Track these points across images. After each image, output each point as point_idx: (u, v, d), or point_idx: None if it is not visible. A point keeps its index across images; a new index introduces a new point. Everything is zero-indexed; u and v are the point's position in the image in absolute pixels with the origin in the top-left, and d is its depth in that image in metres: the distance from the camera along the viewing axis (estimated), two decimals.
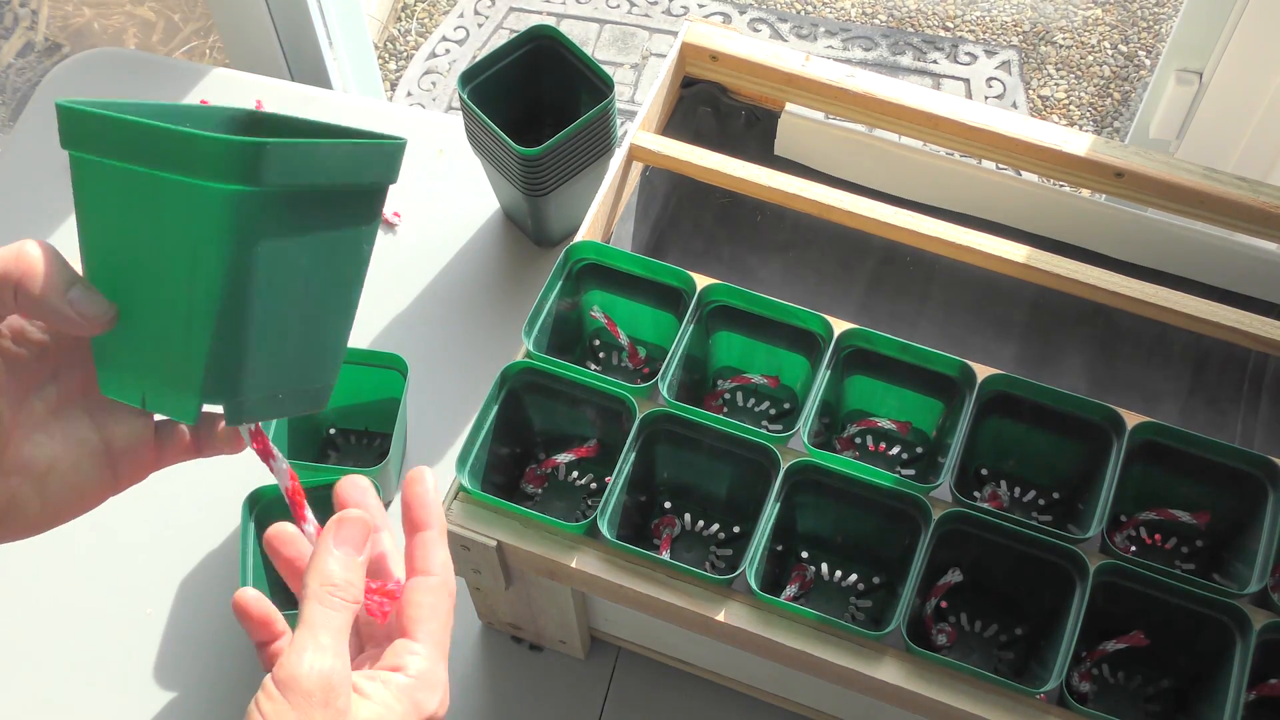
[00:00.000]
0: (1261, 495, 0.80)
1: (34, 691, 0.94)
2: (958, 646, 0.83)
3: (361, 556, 0.54)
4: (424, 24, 2.48)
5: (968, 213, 1.01)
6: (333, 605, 0.51)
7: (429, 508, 0.56)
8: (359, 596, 0.53)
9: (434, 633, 0.54)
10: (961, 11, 2.46)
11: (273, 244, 0.50)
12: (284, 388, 0.54)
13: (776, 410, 0.91)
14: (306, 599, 0.51)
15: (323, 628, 0.50)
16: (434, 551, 0.56)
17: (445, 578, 0.56)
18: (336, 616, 0.51)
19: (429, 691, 0.53)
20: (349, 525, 0.54)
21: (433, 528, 0.57)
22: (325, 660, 0.49)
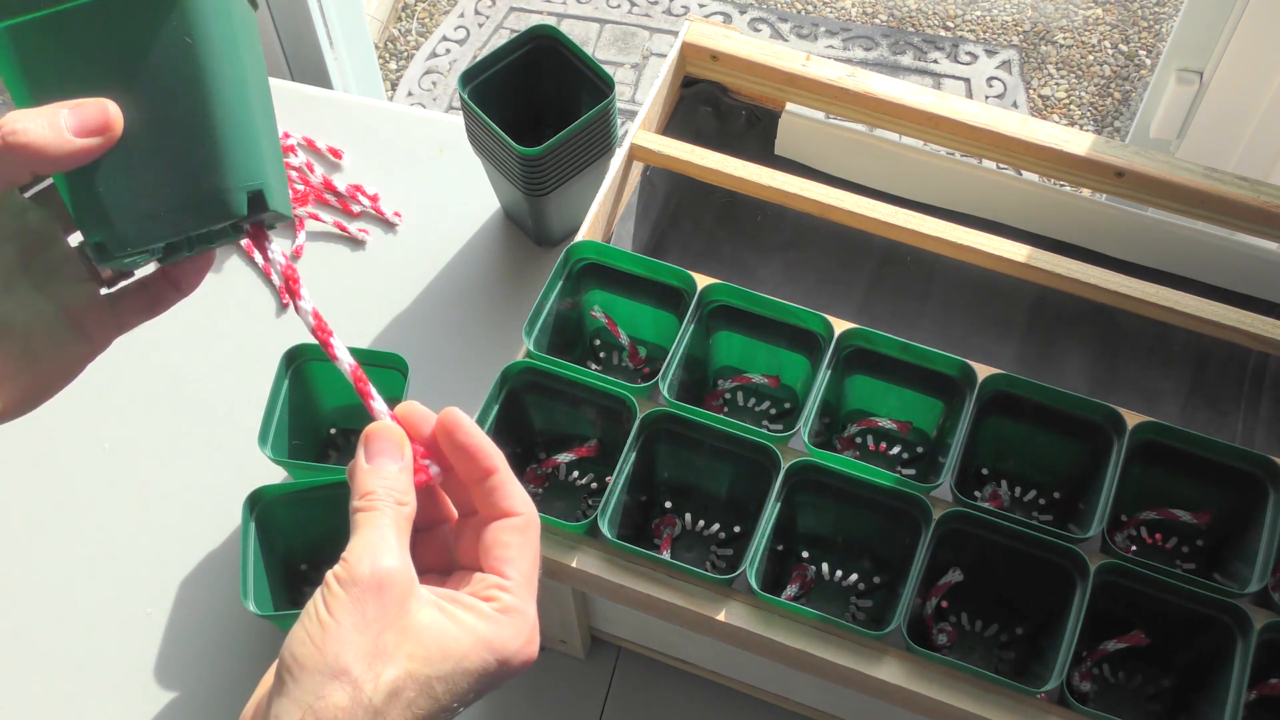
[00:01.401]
0: (1262, 495, 0.80)
1: (34, 691, 0.94)
2: (958, 646, 0.83)
3: (399, 464, 0.54)
4: (424, 24, 2.48)
5: (968, 212, 1.01)
6: (374, 508, 0.52)
7: (485, 450, 0.54)
8: (401, 498, 0.53)
9: (525, 573, 0.53)
10: (962, 11, 2.45)
11: (58, 64, 0.52)
12: (164, 205, 0.54)
13: (777, 410, 0.91)
14: (352, 515, 0.52)
15: (369, 530, 0.51)
16: (510, 490, 0.54)
17: (529, 515, 0.55)
18: (381, 516, 0.51)
19: (514, 629, 0.52)
20: (375, 439, 0.54)
21: (500, 470, 0.54)
22: (381, 558, 0.50)
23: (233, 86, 0.55)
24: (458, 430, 0.55)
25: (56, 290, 0.56)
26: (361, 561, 0.50)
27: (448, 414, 0.55)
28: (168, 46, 0.53)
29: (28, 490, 1.02)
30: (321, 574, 0.98)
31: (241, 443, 1.01)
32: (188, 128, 0.54)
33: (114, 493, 1.02)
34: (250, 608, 0.87)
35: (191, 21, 0.53)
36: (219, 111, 0.54)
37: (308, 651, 0.49)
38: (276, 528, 0.91)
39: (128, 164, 0.53)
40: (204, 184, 0.54)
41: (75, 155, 0.51)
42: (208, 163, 0.54)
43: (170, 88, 0.53)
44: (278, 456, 0.93)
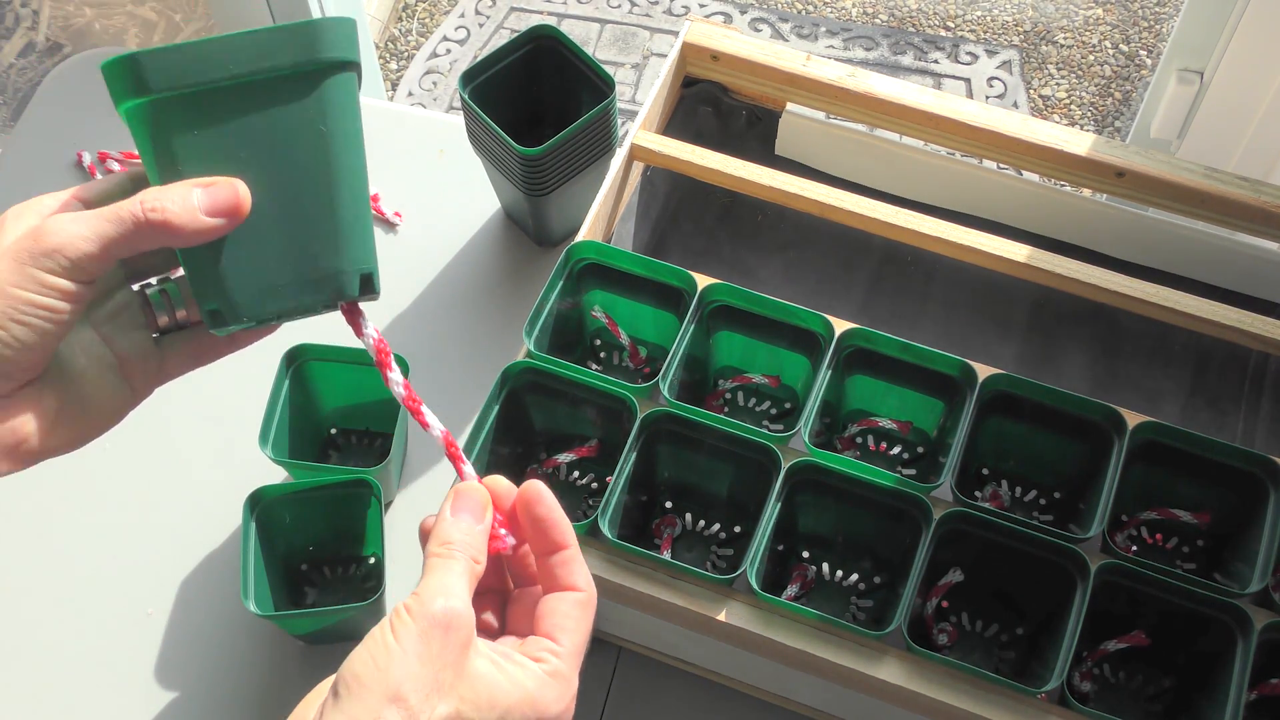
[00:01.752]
0: (1262, 495, 0.80)
1: (35, 691, 0.94)
2: (959, 646, 0.83)
3: (480, 525, 0.56)
4: (425, 24, 2.48)
5: (969, 212, 1.01)
6: (451, 556, 0.54)
7: (561, 526, 0.57)
8: (476, 555, 0.55)
9: (576, 644, 0.56)
10: (962, 11, 2.45)
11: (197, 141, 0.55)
12: (281, 280, 0.57)
13: (777, 410, 0.91)
14: (427, 558, 0.55)
15: (443, 574, 0.54)
16: (577, 569, 0.57)
17: (590, 594, 0.57)
18: (456, 564, 0.54)
19: (557, 693, 0.54)
20: (463, 496, 0.57)
21: (571, 546, 0.57)
22: (453, 600, 0.53)
23: (354, 175, 0.58)
24: (539, 504, 0.57)
25: (113, 335, 0.60)
26: (435, 599, 0.52)
27: (530, 487, 0.58)
28: (303, 133, 0.56)
29: (28, 490, 1.02)
30: (322, 574, 0.99)
31: (242, 443, 1.01)
32: (312, 211, 0.57)
33: (114, 493, 1.02)
34: (250, 608, 0.87)
35: (328, 112, 0.57)
36: (341, 198, 0.57)
37: (369, 671, 0.51)
38: (277, 528, 0.91)
39: (252, 240, 0.56)
40: (322, 265, 0.57)
41: (204, 233, 0.55)
42: (327, 245, 0.57)
43: (300, 172, 0.56)
44: (278, 456, 0.93)
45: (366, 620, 0.92)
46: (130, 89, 0.55)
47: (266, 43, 0.55)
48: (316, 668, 0.94)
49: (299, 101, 0.56)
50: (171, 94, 0.55)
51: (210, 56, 0.55)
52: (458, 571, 0.54)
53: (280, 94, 0.56)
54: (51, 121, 1.22)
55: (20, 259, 0.55)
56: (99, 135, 1.20)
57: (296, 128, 0.56)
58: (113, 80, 0.56)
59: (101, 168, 1.17)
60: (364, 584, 0.96)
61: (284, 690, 0.94)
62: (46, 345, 0.56)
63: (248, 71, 0.55)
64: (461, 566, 0.54)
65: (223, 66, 0.55)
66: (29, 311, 0.55)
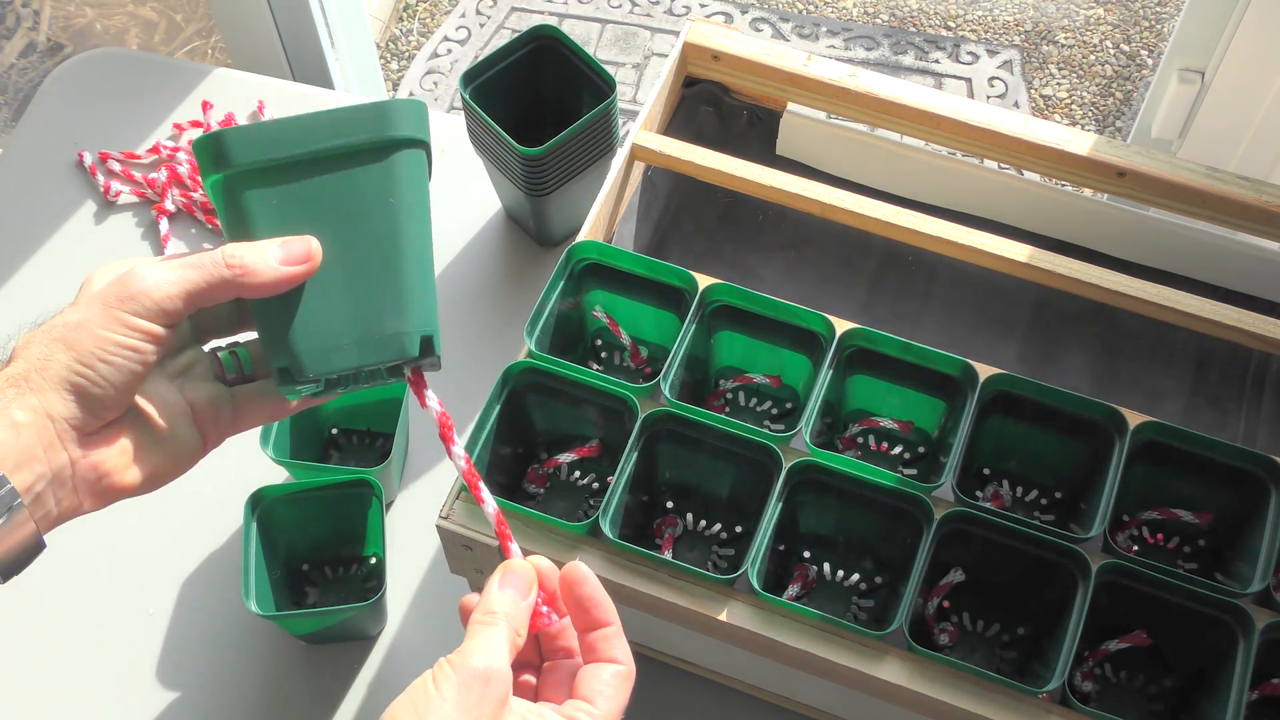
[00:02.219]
0: (1264, 495, 0.80)
1: (36, 691, 0.94)
2: (960, 646, 0.83)
3: (525, 600, 0.60)
4: (426, 24, 2.48)
5: (970, 212, 1.01)
6: (494, 624, 0.58)
7: (604, 605, 0.60)
8: (519, 628, 0.59)
9: (611, 710, 0.59)
10: (963, 11, 2.45)
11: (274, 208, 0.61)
12: (345, 339, 0.61)
13: (778, 410, 0.91)
14: (471, 624, 0.58)
15: (486, 636, 0.57)
16: (618, 644, 0.60)
17: (630, 668, 0.60)
18: (497, 631, 0.57)
19: None
20: (512, 573, 0.60)
21: (613, 623, 0.60)
22: (494, 660, 0.56)
23: (417, 244, 0.62)
24: (583, 584, 0.60)
25: (185, 386, 0.64)
26: (476, 655, 0.56)
27: (574, 568, 0.61)
28: (372, 204, 0.62)
29: None
30: (323, 574, 0.99)
31: (243, 443, 1.01)
32: (377, 275, 0.62)
33: None
34: (252, 608, 0.87)
35: (396, 186, 0.62)
36: (405, 265, 0.62)
37: (409, 717, 0.55)
38: (278, 528, 0.91)
39: (320, 299, 0.61)
40: (385, 325, 0.62)
41: (278, 282, 0.60)
42: (390, 307, 0.62)
43: (366, 237, 0.62)
44: (279, 456, 0.93)
45: (368, 620, 0.92)
46: (214, 163, 0.61)
47: (340, 121, 0.61)
48: (317, 668, 0.94)
49: (369, 175, 0.61)
50: (251, 166, 0.60)
51: (289, 134, 0.61)
52: (500, 636, 0.57)
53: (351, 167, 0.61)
54: (52, 121, 1.22)
55: (109, 303, 0.59)
56: (100, 135, 1.20)
57: (366, 198, 0.62)
58: (201, 155, 0.61)
59: (102, 168, 1.18)
60: (365, 584, 0.96)
61: (285, 690, 0.94)
62: (131, 385, 0.60)
63: (323, 148, 0.61)
64: (504, 633, 0.57)
65: (300, 143, 0.61)
66: (116, 352, 0.59)
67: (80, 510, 0.61)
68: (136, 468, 0.62)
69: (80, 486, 0.60)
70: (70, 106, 1.23)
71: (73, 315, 0.60)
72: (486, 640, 0.57)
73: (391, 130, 0.62)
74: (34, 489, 0.59)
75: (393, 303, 0.62)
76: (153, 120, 1.21)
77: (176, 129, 1.20)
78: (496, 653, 0.56)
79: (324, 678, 0.94)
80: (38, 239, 1.15)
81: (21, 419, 0.58)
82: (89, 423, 0.59)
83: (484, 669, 0.55)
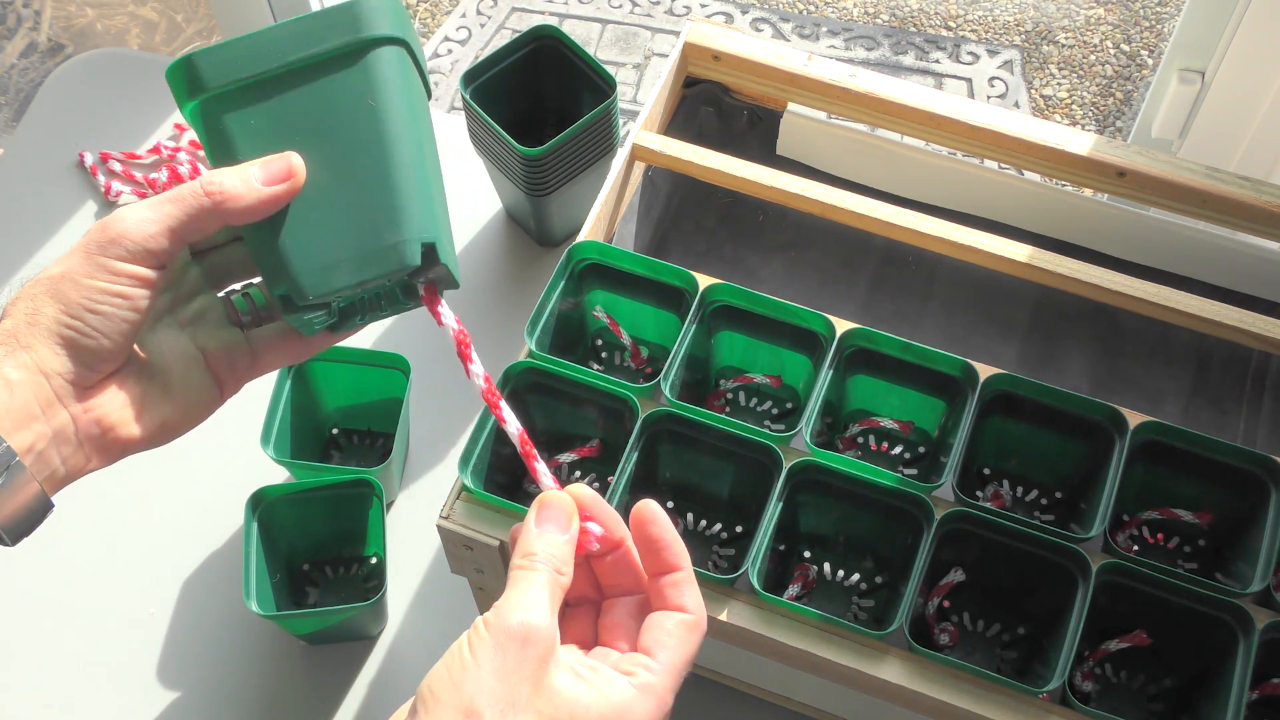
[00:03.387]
0: (1264, 494, 0.80)
1: (36, 691, 0.94)
2: (960, 646, 0.83)
3: (565, 535, 0.55)
4: (426, 24, 2.49)
5: (970, 212, 1.01)
6: (534, 568, 0.54)
7: (675, 548, 0.56)
8: (561, 567, 0.54)
9: (674, 664, 0.55)
10: (963, 11, 2.45)
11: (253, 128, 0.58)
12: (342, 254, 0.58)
13: (779, 410, 0.91)
14: (511, 570, 0.54)
15: (525, 586, 0.53)
16: (687, 590, 0.56)
17: (699, 617, 0.56)
18: (537, 576, 0.54)
19: (646, 708, 0.53)
20: (548, 508, 0.56)
21: (685, 568, 0.57)
22: (531, 614, 0.52)
23: (409, 147, 0.59)
24: (652, 524, 0.56)
25: (198, 333, 0.62)
26: (513, 612, 0.52)
27: (644, 506, 0.57)
28: (353, 110, 0.58)
29: None
30: (323, 574, 0.99)
31: (244, 443, 1.01)
32: (367, 183, 0.58)
33: (116, 493, 1.02)
34: (252, 607, 0.87)
35: (376, 87, 0.58)
36: (395, 169, 0.58)
37: (445, 687, 0.51)
38: (279, 528, 0.91)
39: (312, 216, 0.58)
40: (381, 235, 0.58)
41: (263, 205, 0.57)
42: (385, 215, 0.58)
43: (352, 146, 0.58)
44: (280, 456, 0.93)
45: (368, 620, 0.92)
46: (188, 90, 0.58)
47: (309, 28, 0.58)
48: (318, 668, 0.94)
49: (346, 80, 0.58)
50: (225, 88, 0.58)
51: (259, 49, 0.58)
52: (540, 584, 0.54)
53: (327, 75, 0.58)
54: (53, 122, 1.22)
55: (90, 251, 0.57)
56: (101, 135, 1.20)
57: (346, 105, 0.58)
58: (174, 83, 0.58)
59: (103, 168, 1.18)
60: (366, 584, 0.96)
61: (286, 690, 0.94)
62: (126, 334, 0.57)
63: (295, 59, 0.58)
64: (544, 578, 0.54)
65: (271, 57, 0.58)
66: (103, 300, 0.56)
67: (88, 467, 0.59)
68: (144, 420, 0.60)
69: (85, 442, 0.58)
70: (71, 107, 1.23)
71: (56, 267, 0.57)
72: (524, 591, 0.53)
73: (364, 30, 0.58)
74: (35, 448, 0.56)
75: (387, 212, 0.58)
76: (154, 120, 1.21)
77: (177, 129, 1.20)
78: (535, 605, 0.53)
79: (324, 678, 0.94)
80: (38, 239, 1.15)
81: (15, 377, 0.56)
82: (85, 376, 0.57)
83: (520, 627, 0.52)
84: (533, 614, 0.52)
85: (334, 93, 0.58)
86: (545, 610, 0.53)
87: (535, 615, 0.52)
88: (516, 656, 0.51)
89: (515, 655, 0.51)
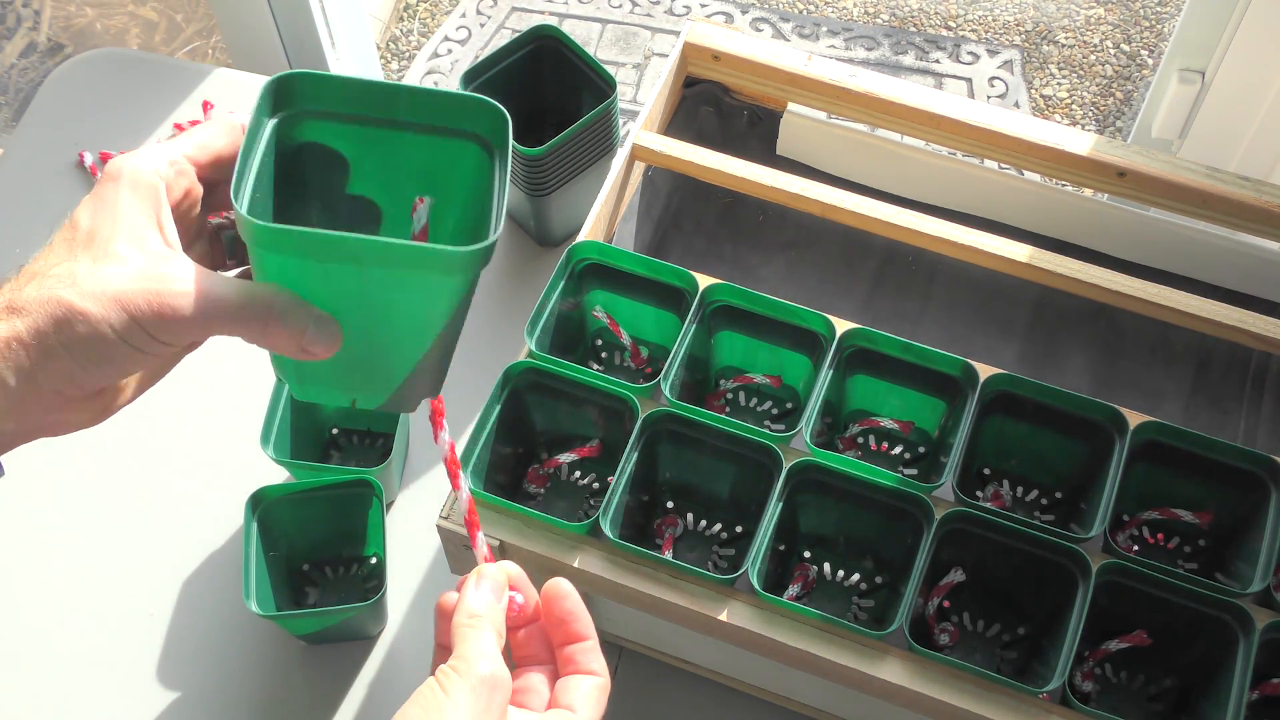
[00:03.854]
0: (1264, 495, 0.80)
1: (36, 691, 0.94)
2: (960, 646, 0.83)
3: (501, 603, 0.60)
4: (426, 24, 2.48)
5: (970, 212, 1.01)
6: (481, 627, 0.58)
7: (582, 620, 0.61)
8: (499, 628, 0.59)
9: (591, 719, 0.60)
10: (963, 11, 2.45)
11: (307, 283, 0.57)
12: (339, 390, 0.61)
13: (779, 410, 0.91)
14: (455, 628, 0.58)
15: (479, 640, 0.57)
16: (595, 656, 0.61)
17: (606, 681, 0.61)
18: (485, 634, 0.58)
19: None
20: (487, 577, 0.60)
21: (591, 638, 0.61)
22: (493, 664, 0.56)
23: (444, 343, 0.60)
24: (565, 599, 0.61)
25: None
26: (479, 661, 0.56)
27: (555, 584, 0.61)
28: (403, 312, 0.58)
29: (30, 490, 1.02)
30: (323, 574, 0.99)
31: (243, 443, 1.01)
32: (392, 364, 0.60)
33: (116, 493, 1.02)
34: (252, 608, 0.87)
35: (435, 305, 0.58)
36: (424, 361, 0.60)
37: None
38: (278, 528, 0.91)
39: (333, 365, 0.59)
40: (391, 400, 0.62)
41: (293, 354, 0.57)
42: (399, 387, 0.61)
43: (391, 335, 0.59)
44: (280, 457, 0.93)
45: (368, 620, 0.92)
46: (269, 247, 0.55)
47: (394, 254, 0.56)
48: (318, 668, 0.94)
49: (408, 291, 0.57)
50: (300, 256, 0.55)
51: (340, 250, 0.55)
52: (490, 640, 0.57)
53: (393, 281, 0.57)
54: (53, 122, 1.22)
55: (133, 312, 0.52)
56: (100, 135, 1.20)
57: (399, 309, 0.58)
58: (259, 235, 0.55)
59: (103, 168, 1.17)
60: (365, 584, 0.96)
61: (285, 690, 0.94)
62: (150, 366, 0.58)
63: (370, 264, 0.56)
64: (492, 635, 0.58)
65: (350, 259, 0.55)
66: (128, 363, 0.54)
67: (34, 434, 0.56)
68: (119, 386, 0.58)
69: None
70: (71, 107, 1.23)
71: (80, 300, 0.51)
72: (481, 645, 0.57)
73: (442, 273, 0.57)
74: None
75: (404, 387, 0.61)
76: (153, 120, 1.21)
77: (177, 129, 1.20)
78: (495, 657, 0.57)
79: (324, 678, 0.94)
80: (38, 239, 1.15)
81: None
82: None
83: (490, 675, 0.56)
84: (497, 664, 0.56)
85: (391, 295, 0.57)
86: (501, 661, 0.57)
87: (499, 666, 0.56)
88: (486, 700, 0.55)
89: (485, 699, 0.55)
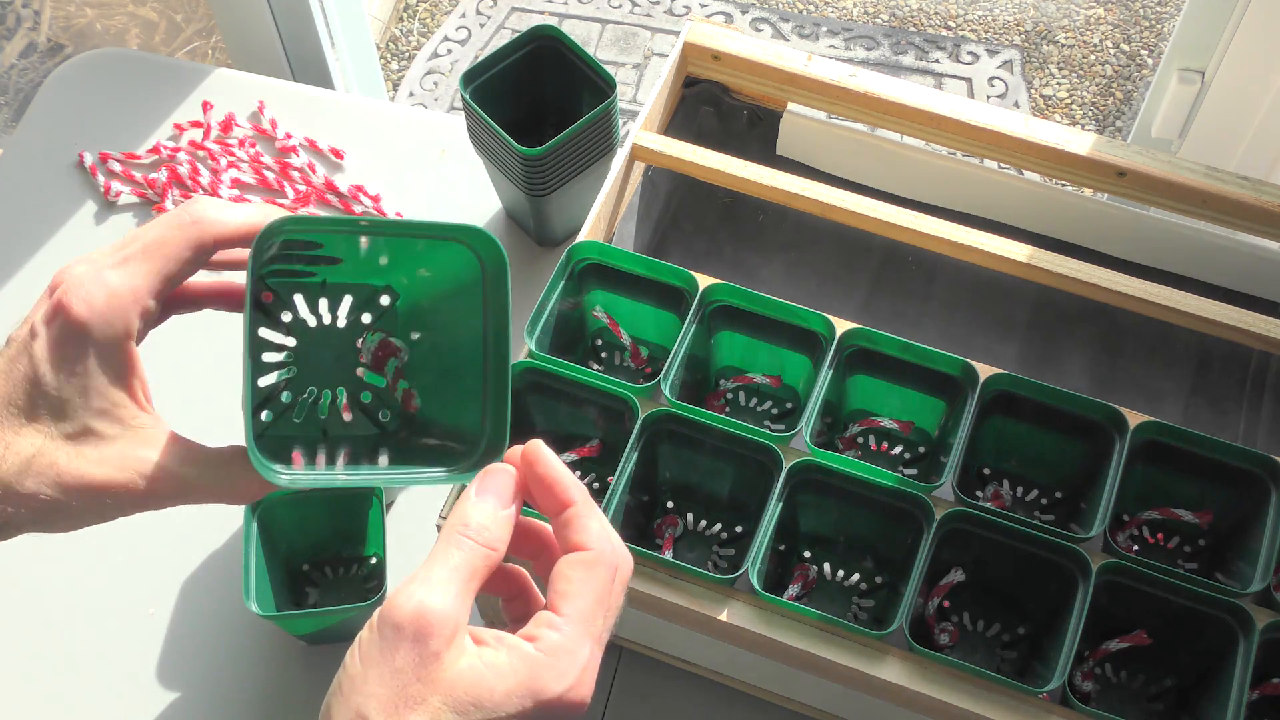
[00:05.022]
0: (1264, 494, 0.80)
1: (36, 691, 0.94)
2: (960, 646, 0.83)
3: (506, 510, 0.51)
4: (426, 24, 2.48)
5: (970, 212, 1.01)
6: (458, 544, 0.50)
7: (564, 482, 0.52)
8: (493, 543, 0.50)
9: (582, 611, 0.50)
10: (963, 11, 2.45)
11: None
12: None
13: (779, 410, 0.91)
14: (439, 539, 0.50)
15: (440, 564, 0.49)
16: (583, 524, 0.52)
17: (600, 550, 0.51)
18: (457, 554, 0.49)
19: (556, 671, 0.49)
20: (494, 476, 0.52)
21: (577, 502, 0.52)
22: (431, 596, 0.48)
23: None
24: (538, 462, 0.53)
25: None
26: (410, 598, 0.48)
27: (530, 446, 0.53)
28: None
29: None
30: (323, 574, 0.99)
31: (243, 443, 1.01)
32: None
33: None
34: (252, 608, 0.87)
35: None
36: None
37: (336, 701, 0.48)
38: (278, 528, 0.91)
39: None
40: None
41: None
42: None
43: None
44: None
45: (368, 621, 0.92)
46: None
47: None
48: (317, 668, 0.94)
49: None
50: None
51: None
52: (454, 564, 0.49)
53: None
54: (53, 122, 1.22)
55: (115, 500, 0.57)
56: (100, 136, 1.20)
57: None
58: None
59: (103, 168, 1.18)
60: (365, 584, 0.96)
61: (285, 690, 0.94)
62: None
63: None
64: (459, 559, 0.49)
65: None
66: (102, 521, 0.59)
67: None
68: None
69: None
70: (71, 107, 1.23)
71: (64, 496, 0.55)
72: (430, 572, 0.48)
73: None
74: None
75: None
76: (153, 120, 1.21)
77: (177, 129, 1.20)
78: (437, 588, 0.48)
79: (324, 678, 0.93)
80: (38, 239, 1.15)
81: None
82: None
83: (412, 618, 0.47)
84: (432, 597, 0.47)
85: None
86: (448, 593, 0.48)
87: (435, 599, 0.47)
88: (406, 654, 0.47)
89: (405, 653, 0.47)
